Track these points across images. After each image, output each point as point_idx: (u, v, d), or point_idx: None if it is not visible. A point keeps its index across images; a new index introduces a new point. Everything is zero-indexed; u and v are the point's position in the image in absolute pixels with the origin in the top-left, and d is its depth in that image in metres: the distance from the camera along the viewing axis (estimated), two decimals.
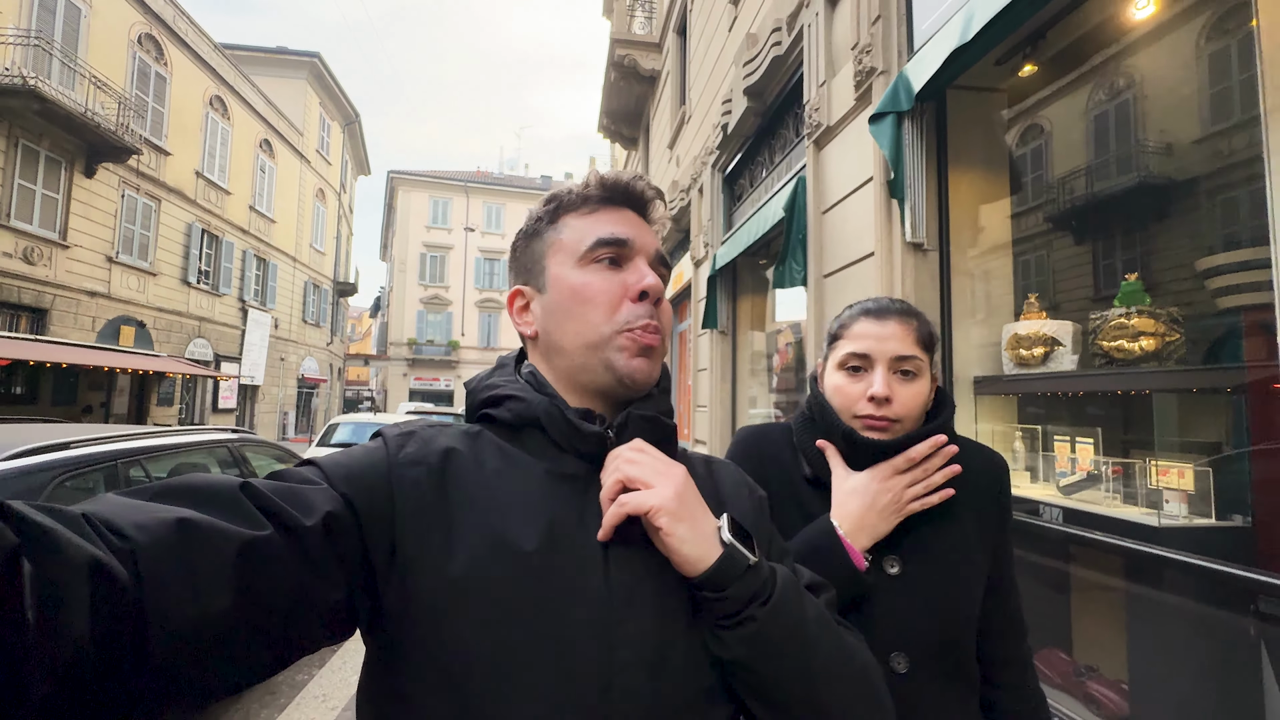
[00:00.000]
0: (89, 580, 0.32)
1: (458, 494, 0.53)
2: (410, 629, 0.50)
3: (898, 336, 0.86)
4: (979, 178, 2.97)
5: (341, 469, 0.51)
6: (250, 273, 17.34)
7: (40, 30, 10.21)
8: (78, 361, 9.72)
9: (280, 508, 0.44)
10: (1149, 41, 2.50)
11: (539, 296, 0.64)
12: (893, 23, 3.12)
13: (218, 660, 0.39)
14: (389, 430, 0.57)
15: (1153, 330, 2.19)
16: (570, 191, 0.65)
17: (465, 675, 0.48)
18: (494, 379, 0.64)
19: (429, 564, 0.50)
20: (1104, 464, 2.31)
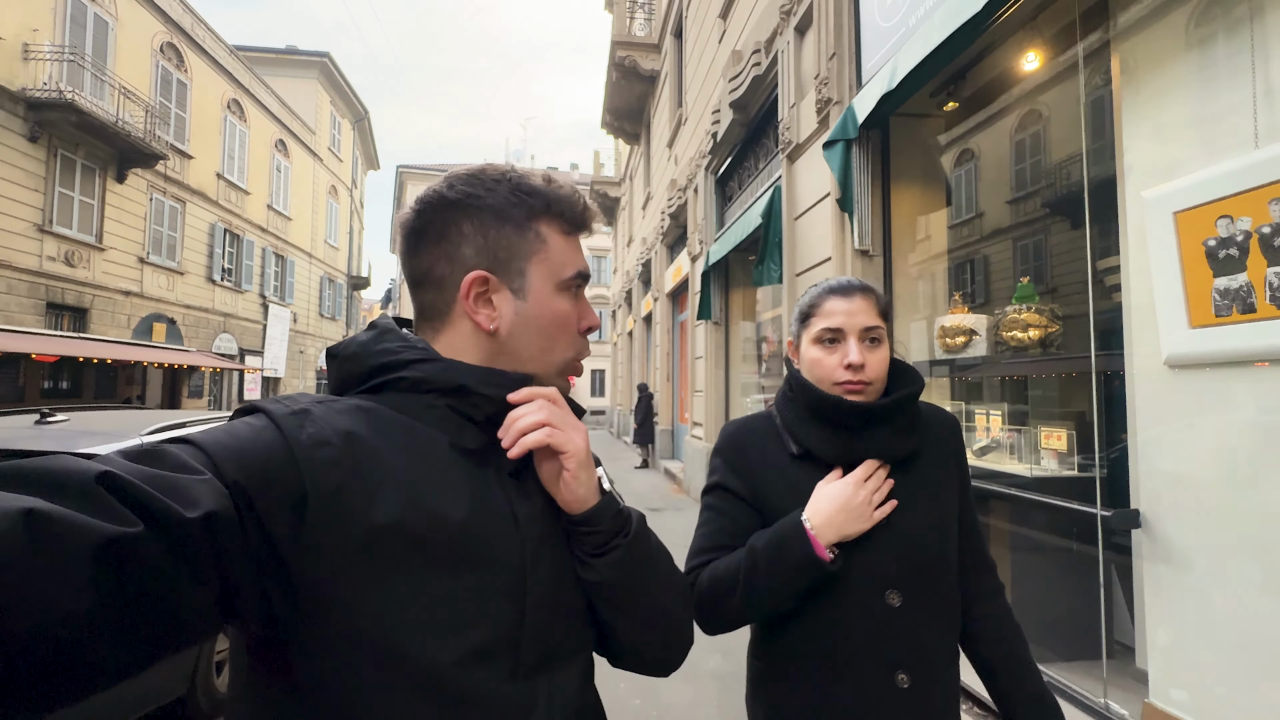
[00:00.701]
0: None
1: (369, 473, 0.52)
2: (332, 598, 0.49)
3: (864, 310, 0.95)
4: (918, 193, 3.51)
5: (229, 452, 0.47)
6: (270, 269, 18.02)
7: (73, 45, 10.81)
8: (120, 357, 10.46)
9: (151, 499, 0.40)
10: (1041, 90, 3.00)
11: (514, 300, 0.63)
12: (845, 59, 3.63)
13: (70, 668, 0.36)
14: (272, 407, 0.53)
15: (1038, 323, 2.74)
16: (557, 197, 0.65)
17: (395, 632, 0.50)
18: (387, 344, 0.61)
19: (352, 534, 0.50)
20: (1003, 431, 2.87)
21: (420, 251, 0.63)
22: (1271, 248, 1.67)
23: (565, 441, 0.59)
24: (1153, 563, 2.04)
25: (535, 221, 0.64)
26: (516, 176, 0.64)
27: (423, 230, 0.63)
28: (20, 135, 9.97)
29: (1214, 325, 1.82)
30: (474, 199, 0.62)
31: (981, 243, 3.55)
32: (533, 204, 0.64)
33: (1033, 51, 2.73)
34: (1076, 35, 2.46)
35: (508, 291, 0.63)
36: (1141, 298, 2.08)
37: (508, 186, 0.63)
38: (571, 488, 0.60)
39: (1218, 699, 1.82)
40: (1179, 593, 1.97)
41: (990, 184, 3.58)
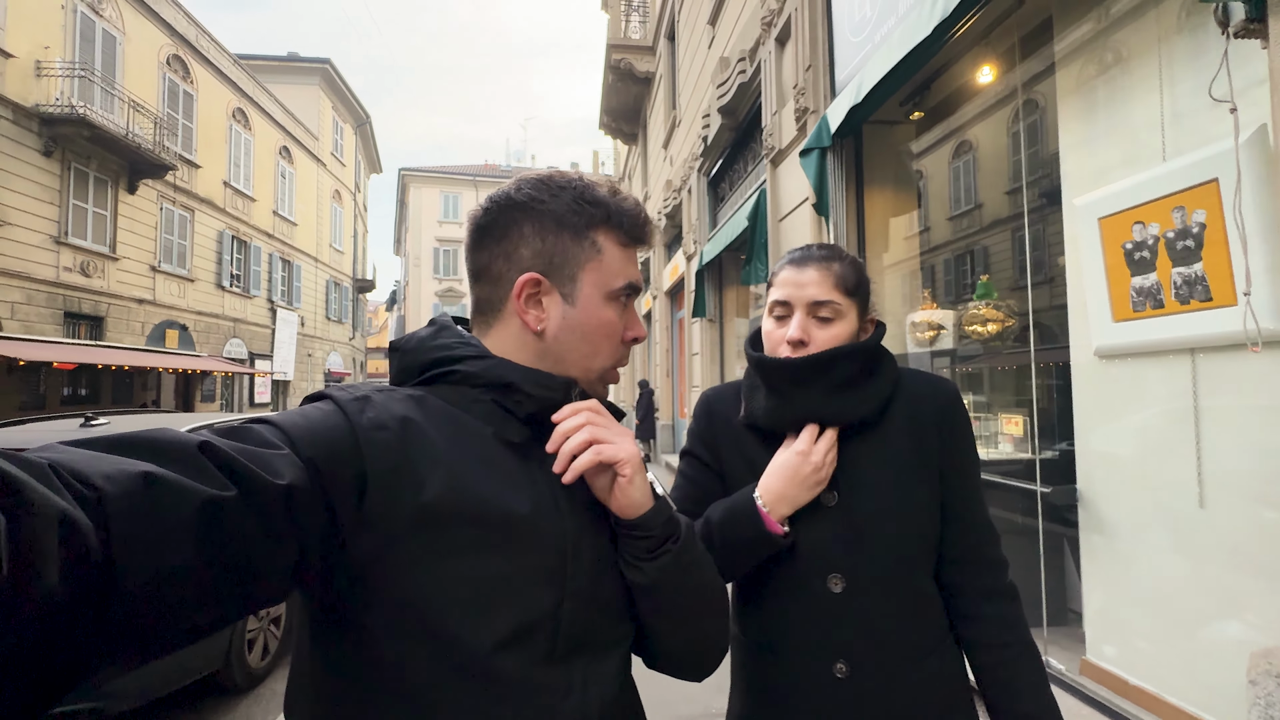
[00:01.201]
0: (59, 533, 0.32)
1: (420, 456, 0.55)
2: (382, 575, 0.52)
3: (815, 282, 0.88)
4: (890, 197, 3.72)
5: (303, 432, 0.51)
6: (277, 274, 18.36)
7: (83, 60, 11.12)
8: (136, 363, 10.78)
9: (244, 468, 0.44)
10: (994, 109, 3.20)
11: (562, 304, 0.65)
12: (820, 70, 3.84)
13: (170, 615, 0.39)
14: (338, 394, 0.58)
15: (996, 318, 2.95)
16: (620, 211, 0.67)
17: (439, 612, 0.53)
18: (443, 339, 0.64)
19: (404, 515, 0.53)
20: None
21: (482, 247, 0.67)
22: (1175, 250, 1.88)
23: (615, 452, 0.60)
24: (1089, 534, 2.26)
25: (594, 230, 0.65)
26: (581, 185, 0.66)
27: (487, 227, 0.66)
28: (35, 150, 10.29)
29: (1132, 319, 2.03)
30: (538, 203, 0.65)
31: (950, 244, 3.76)
32: (593, 213, 0.65)
33: (988, 66, 2.94)
34: (1027, 56, 2.67)
35: (558, 295, 0.65)
36: (1077, 295, 2.30)
37: (572, 194, 0.65)
38: (627, 493, 0.61)
39: (1141, 653, 2.05)
40: (1109, 559, 2.19)
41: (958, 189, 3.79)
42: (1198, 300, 1.81)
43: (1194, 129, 1.86)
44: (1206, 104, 1.67)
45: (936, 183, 3.76)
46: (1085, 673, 2.23)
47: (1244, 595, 1.72)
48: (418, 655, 0.53)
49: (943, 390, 0.93)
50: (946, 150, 3.64)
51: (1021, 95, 2.75)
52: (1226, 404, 1.78)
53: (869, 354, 0.90)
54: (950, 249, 3.68)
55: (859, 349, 0.88)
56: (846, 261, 0.91)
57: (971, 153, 3.47)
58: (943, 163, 3.69)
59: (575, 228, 0.65)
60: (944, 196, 3.69)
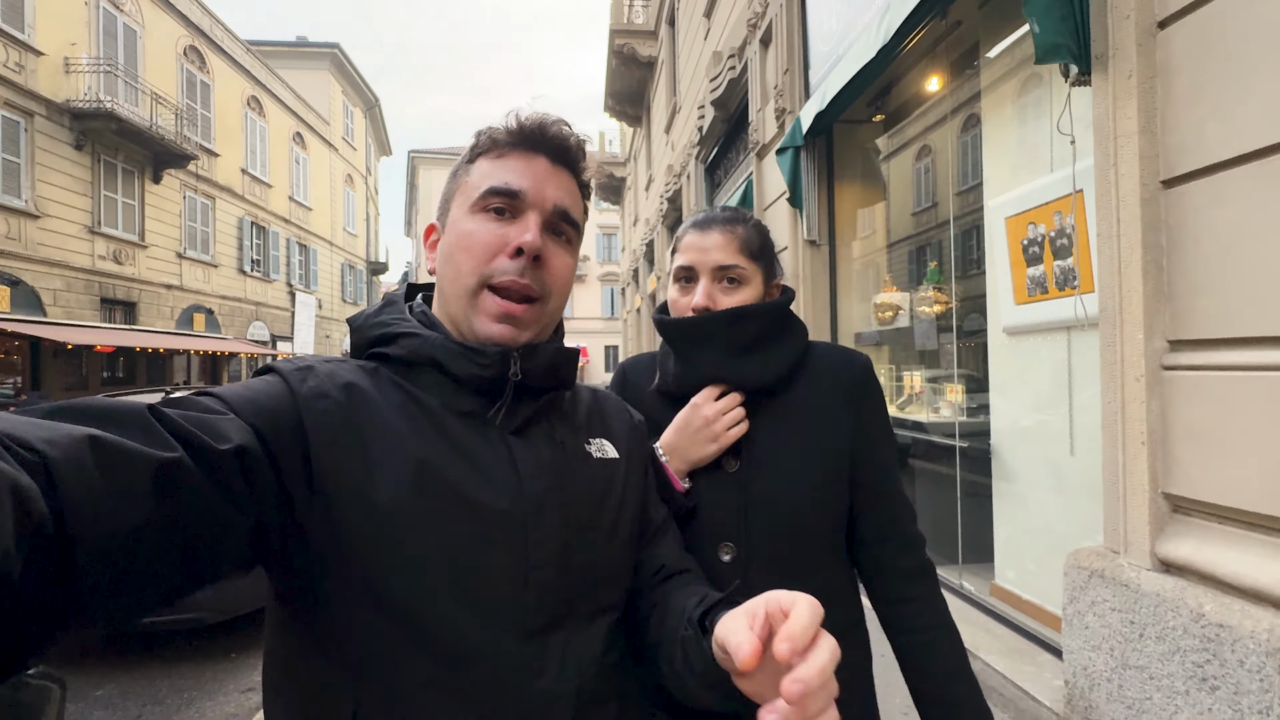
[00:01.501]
0: (10, 500, 0.31)
1: (367, 426, 0.54)
2: (337, 553, 0.51)
3: (720, 246, 0.86)
4: (858, 190, 4.12)
5: (245, 401, 0.50)
6: (294, 259, 18.96)
7: (107, 55, 11.57)
8: (170, 346, 11.45)
9: (191, 433, 0.43)
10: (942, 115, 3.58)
11: (441, 237, 0.65)
12: (796, 74, 4.22)
13: (131, 581, 0.38)
14: (281, 365, 0.57)
15: (940, 300, 3.38)
16: (489, 129, 0.64)
17: (398, 587, 0.52)
18: (383, 316, 0.64)
19: (352, 492, 0.52)
20: (916, 387, 3.55)
21: None
22: (1055, 247, 2.31)
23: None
24: (998, 480, 2.73)
25: (471, 162, 0.65)
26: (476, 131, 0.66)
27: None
28: (68, 145, 10.82)
29: (1028, 303, 2.47)
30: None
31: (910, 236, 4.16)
32: (474, 146, 0.65)
33: (934, 78, 3.32)
34: (961, 72, 3.06)
35: (440, 232, 0.66)
36: (992, 283, 2.73)
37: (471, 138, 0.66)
38: None
39: (1031, 573, 2.53)
40: (1010, 500, 2.66)
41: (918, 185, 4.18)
42: (1070, 288, 2.24)
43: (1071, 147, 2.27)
44: (1083, 125, 2.07)
45: (898, 178, 4.15)
46: (994, 594, 2.71)
47: (1095, 520, 2.18)
48: (382, 631, 0.52)
49: (854, 362, 0.91)
50: (904, 150, 4.03)
51: (959, 105, 3.14)
52: (1087, 372, 2.23)
53: (773, 316, 0.87)
54: (910, 240, 4.09)
55: (761, 309, 0.86)
56: (750, 224, 0.89)
57: (928, 155, 3.86)
58: (903, 160, 4.08)
59: (459, 166, 0.66)
60: (904, 192, 4.08)
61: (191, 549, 0.42)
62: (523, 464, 0.59)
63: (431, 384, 0.60)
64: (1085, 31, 1.76)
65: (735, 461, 0.85)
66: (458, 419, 0.59)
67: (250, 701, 2.65)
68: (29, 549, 0.32)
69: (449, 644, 0.53)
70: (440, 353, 0.59)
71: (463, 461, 0.57)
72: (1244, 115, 1.42)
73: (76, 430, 0.37)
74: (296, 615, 0.55)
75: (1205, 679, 1.42)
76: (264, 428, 0.50)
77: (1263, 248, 1.39)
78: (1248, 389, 1.42)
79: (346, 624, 0.52)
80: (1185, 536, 1.57)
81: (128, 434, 0.40)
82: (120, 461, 0.38)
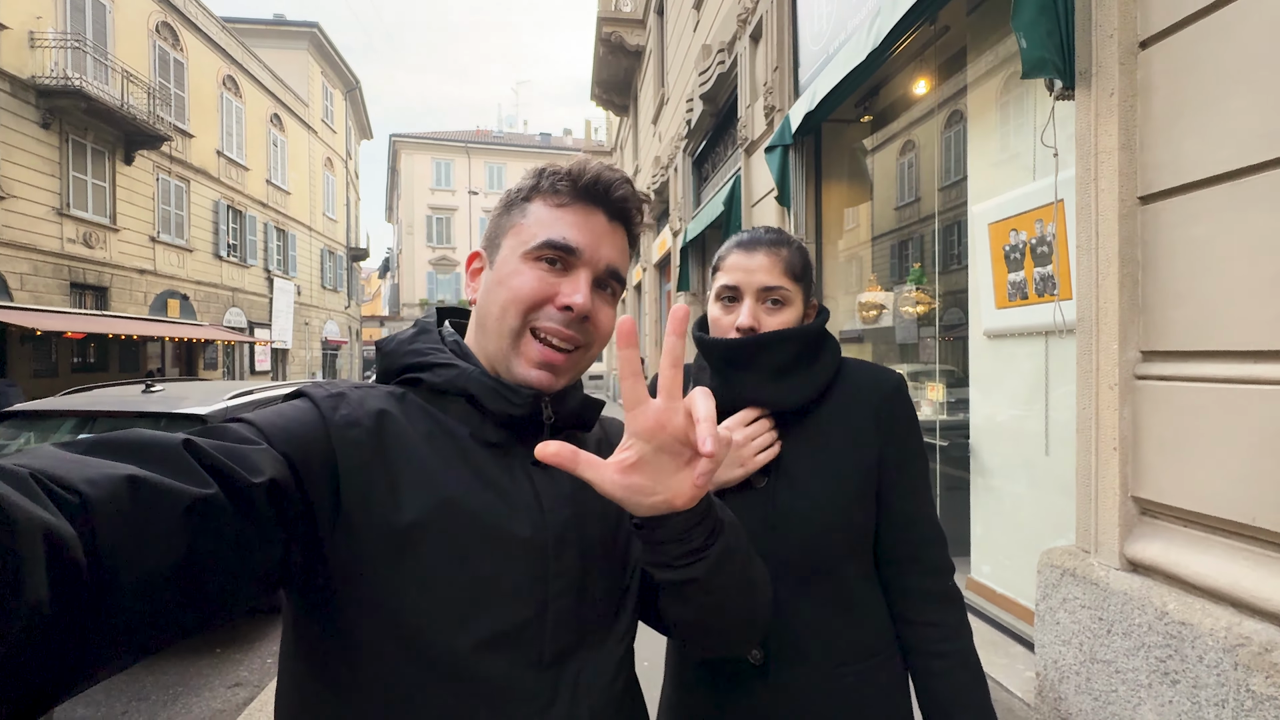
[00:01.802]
0: (44, 547, 0.31)
1: (395, 453, 0.55)
2: (357, 576, 0.52)
3: (765, 268, 0.87)
4: (845, 189, 4.17)
5: (279, 430, 0.52)
6: (272, 244, 18.57)
7: (74, 30, 11.16)
8: (143, 333, 11.18)
9: (226, 466, 0.44)
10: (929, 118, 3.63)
11: (488, 269, 0.66)
12: (785, 72, 4.23)
13: (162, 617, 0.39)
14: (313, 390, 0.58)
15: (924, 300, 3.45)
16: (549, 174, 0.65)
17: (417, 613, 0.53)
18: (418, 344, 0.65)
19: (377, 517, 0.53)
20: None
21: None
22: (1036, 254, 2.38)
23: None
24: (975, 477, 2.82)
25: (528, 201, 0.65)
26: (540, 167, 0.66)
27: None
28: (34, 123, 10.45)
29: (1009, 307, 2.54)
30: (505, 194, 0.68)
31: (895, 234, 4.22)
32: (528, 185, 0.66)
33: (922, 81, 3.37)
34: (948, 77, 3.10)
35: (486, 263, 0.66)
36: (974, 285, 2.79)
37: (528, 176, 0.67)
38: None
39: (1005, 568, 2.62)
40: (987, 496, 2.75)
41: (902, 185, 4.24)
42: (1049, 295, 2.31)
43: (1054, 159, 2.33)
44: (1066, 137, 2.12)
45: (884, 179, 4.20)
46: (970, 588, 2.81)
47: (1067, 517, 2.27)
48: (398, 657, 0.53)
49: (885, 381, 0.91)
50: (892, 150, 4.08)
51: (946, 109, 3.19)
52: (1063, 376, 2.30)
53: (810, 338, 0.89)
54: (894, 238, 4.15)
55: (799, 333, 0.88)
56: (794, 247, 0.91)
57: (913, 153, 3.91)
58: (889, 161, 4.13)
59: (514, 202, 0.66)
60: (889, 191, 4.14)
61: (221, 580, 0.43)
62: (545, 496, 0.60)
63: (460, 413, 0.61)
64: (1070, 47, 1.80)
65: (764, 479, 0.87)
66: (483, 449, 0.60)
67: (237, 697, 2.65)
68: (63, 594, 0.33)
69: (463, 672, 0.53)
70: (475, 387, 0.61)
71: (488, 491, 0.58)
72: (1218, 137, 1.48)
73: (117, 470, 0.38)
74: (313, 639, 0.55)
75: (1167, 673, 1.50)
76: (295, 456, 0.51)
77: (1231, 266, 1.46)
78: (1214, 400, 1.49)
79: (361, 648, 0.53)
80: (1152, 539, 1.65)
81: (164, 470, 0.41)
82: (157, 502, 0.39)
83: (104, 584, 0.36)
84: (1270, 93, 1.37)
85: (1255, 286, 1.41)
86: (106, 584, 0.36)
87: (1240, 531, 1.44)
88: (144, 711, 2.55)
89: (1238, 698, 1.32)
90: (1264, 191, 1.39)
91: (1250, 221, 1.42)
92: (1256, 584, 1.37)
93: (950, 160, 3.38)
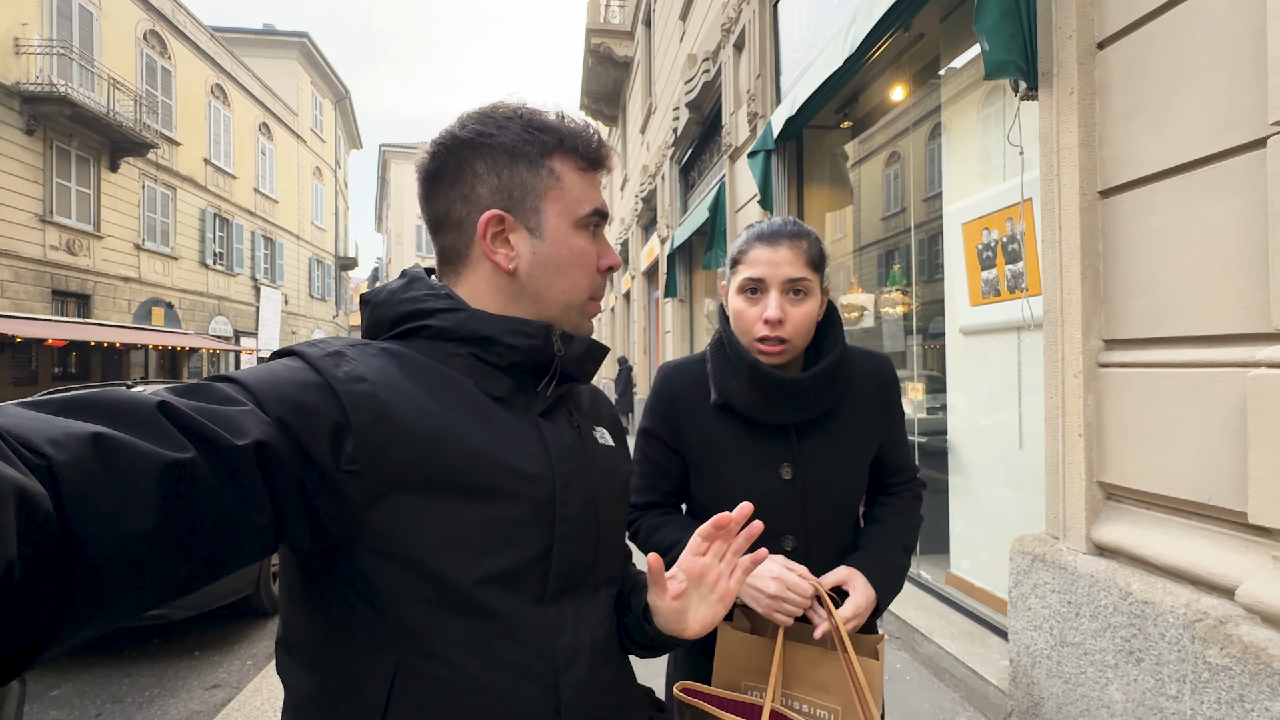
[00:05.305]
0: (15, 507, 0.30)
1: (404, 403, 0.55)
2: (372, 524, 0.53)
3: (789, 260, 0.91)
4: (826, 193, 4.24)
5: (269, 388, 0.49)
6: (259, 252, 18.45)
7: (61, 37, 11.11)
8: (126, 341, 11.05)
9: (205, 428, 0.42)
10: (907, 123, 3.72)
11: (530, 239, 0.63)
12: (768, 79, 4.32)
13: (137, 580, 0.38)
14: (307, 350, 0.55)
15: (903, 301, 3.51)
16: (573, 135, 0.64)
17: (436, 554, 0.54)
18: (414, 291, 0.63)
19: (390, 465, 0.52)
20: None
21: (437, 194, 0.64)
22: (1007, 251, 2.44)
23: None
24: (953, 474, 2.86)
25: (549, 158, 0.63)
26: (528, 112, 0.64)
27: (438, 172, 0.63)
28: (18, 129, 10.36)
29: (982, 305, 2.60)
30: (486, 137, 0.62)
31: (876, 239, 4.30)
32: (546, 140, 0.63)
33: (899, 87, 3.45)
34: (924, 83, 3.18)
35: (524, 230, 0.63)
36: (949, 285, 2.85)
37: (520, 123, 0.63)
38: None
39: (983, 562, 2.66)
40: (965, 492, 2.79)
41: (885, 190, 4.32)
42: (1020, 291, 2.37)
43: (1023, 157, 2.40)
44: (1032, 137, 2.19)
45: (865, 183, 4.28)
46: (949, 583, 2.84)
47: (1041, 510, 2.31)
48: (414, 595, 0.54)
49: (883, 370, 1.03)
50: (871, 156, 4.16)
51: (921, 113, 3.27)
52: (1034, 371, 2.36)
53: (836, 366, 0.95)
54: (876, 244, 4.23)
55: (837, 361, 0.95)
56: (812, 238, 0.95)
57: (889, 155, 4.00)
58: (869, 166, 4.22)
59: (530, 157, 0.63)
60: (869, 196, 4.22)
61: (205, 546, 0.42)
62: (552, 445, 0.62)
63: (462, 366, 0.61)
64: (1033, 49, 1.87)
65: (788, 470, 0.96)
66: (490, 400, 0.61)
67: (215, 699, 2.61)
68: (35, 556, 0.32)
69: (480, 607, 0.56)
70: (490, 326, 0.61)
71: (496, 436, 0.59)
72: (1171, 132, 1.54)
73: (83, 429, 0.36)
74: (326, 586, 0.55)
75: (1132, 652, 1.53)
76: (289, 416, 0.49)
77: (1185, 255, 1.51)
78: (1172, 384, 1.54)
79: (382, 589, 0.54)
80: (1117, 521, 1.70)
81: (136, 432, 0.39)
82: (126, 463, 0.37)
83: (74, 548, 0.34)
84: (1215, 89, 1.44)
85: (1208, 274, 1.47)
86: (77, 548, 0.34)
87: (1197, 511, 1.49)
88: (119, 714, 2.51)
89: (1195, 671, 1.36)
90: (1213, 183, 1.45)
91: (1202, 212, 1.48)
92: (1213, 561, 1.41)
93: (928, 163, 3.45)
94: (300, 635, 0.58)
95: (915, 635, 2.55)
